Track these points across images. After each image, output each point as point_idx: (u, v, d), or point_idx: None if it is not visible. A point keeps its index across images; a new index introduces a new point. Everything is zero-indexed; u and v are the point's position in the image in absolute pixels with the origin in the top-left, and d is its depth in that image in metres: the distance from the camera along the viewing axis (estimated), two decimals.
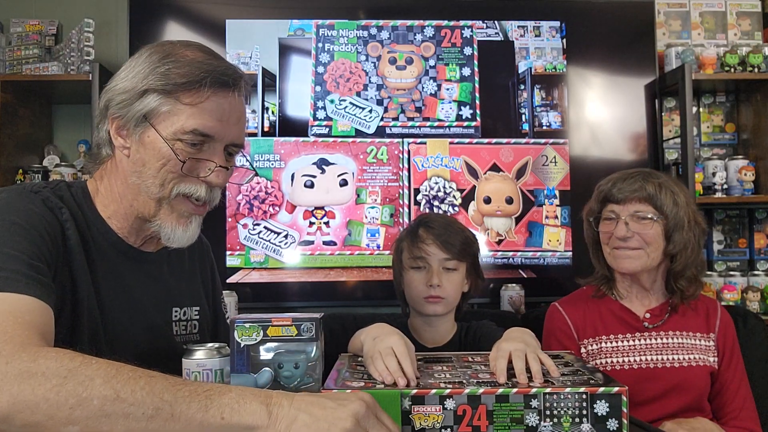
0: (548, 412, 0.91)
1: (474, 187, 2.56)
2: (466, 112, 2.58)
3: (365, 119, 2.55)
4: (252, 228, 2.49)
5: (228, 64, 1.07)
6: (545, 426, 0.91)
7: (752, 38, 2.87)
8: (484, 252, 2.52)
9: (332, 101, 2.55)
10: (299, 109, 2.55)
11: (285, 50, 2.57)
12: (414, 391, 0.92)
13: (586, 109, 2.64)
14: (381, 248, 2.51)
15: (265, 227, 2.50)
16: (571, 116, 2.62)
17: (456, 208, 2.55)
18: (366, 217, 2.53)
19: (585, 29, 2.65)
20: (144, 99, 1.02)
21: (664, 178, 1.61)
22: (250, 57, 2.55)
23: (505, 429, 0.91)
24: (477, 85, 2.59)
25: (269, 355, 0.95)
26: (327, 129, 2.54)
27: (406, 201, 2.54)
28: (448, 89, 2.58)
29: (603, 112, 2.65)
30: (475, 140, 2.57)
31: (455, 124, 2.58)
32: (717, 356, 1.62)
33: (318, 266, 2.51)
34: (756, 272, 2.71)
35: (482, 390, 0.92)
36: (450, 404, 0.91)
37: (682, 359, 1.58)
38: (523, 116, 2.61)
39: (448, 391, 0.91)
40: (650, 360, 1.58)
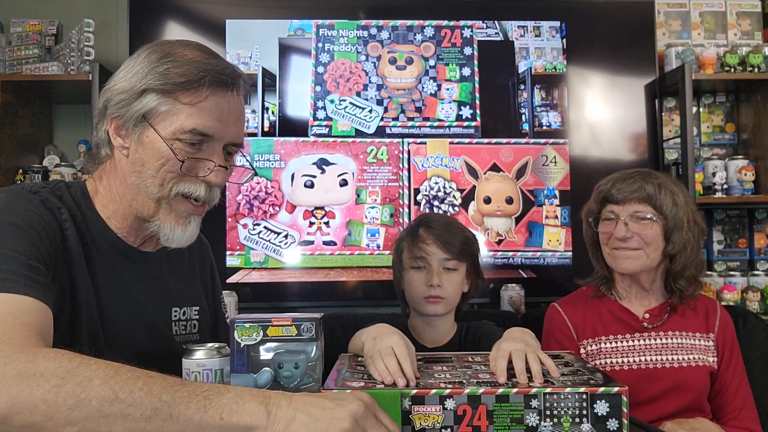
0: (548, 412, 0.91)
1: (474, 187, 2.56)
2: (466, 112, 2.58)
3: (365, 119, 2.55)
4: (252, 228, 2.49)
5: (227, 64, 1.07)
6: (545, 426, 0.91)
7: (752, 38, 2.86)
8: (484, 252, 2.52)
9: (332, 101, 2.55)
10: (299, 109, 2.55)
11: (285, 50, 2.57)
12: (414, 391, 0.92)
13: (586, 109, 2.64)
14: (381, 248, 2.51)
15: (265, 227, 2.50)
16: (571, 116, 2.62)
17: (456, 208, 2.55)
18: (366, 217, 2.52)
19: (585, 29, 2.65)
20: (143, 99, 1.02)
21: (663, 179, 1.61)
22: (250, 57, 2.55)
23: (506, 429, 0.91)
24: (477, 85, 2.59)
25: (269, 355, 0.95)
26: (327, 129, 2.54)
27: (406, 201, 2.54)
28: (448, 89, 2.58)
29: (603, 112, 2.65)
30: (475, 140, 2.57)
31: (455, 124, 2.57)
32: (716, 356, 1.62)
33: (318, 266, 2.51)
34: (756, 272, 2.71)
35: (482, 390, 0.92)
36: (450, 404, 0.91)
37: (682, 359, 1.58)
38: (523, 116, 2.60)
39: (448, 391, 0.91)
40: (650, 360, 1.58)
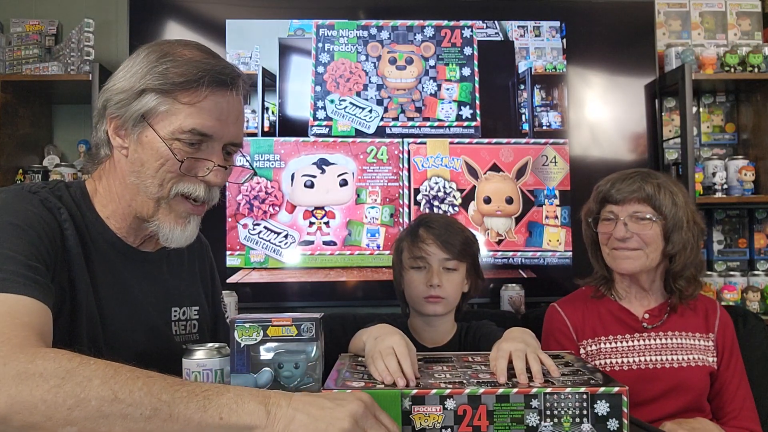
0: (548, 412, 0.91)
1: (474, 187, 2.56)
2: (466, 112, 2.58)
3: (365, 119, 2.55)
4: (252, 228, 2.49)
5: (226, 63, 1.07)
6: (545, 426, 0.91)
7: (752, 38, 2.86)
8: (484, 252, 2.51)
9: (332, 101, 2.55)
10: (299, 109, 2.55)
11: (285, 50, 2.57)
12: (414, 391, 0.92)
13: (586, 109, 2.64)
14: (381, 248, 2.51)
15: (265, 227, 2.50)
16: (571, 116, 2.62)
17: (456, 208, 2.55)
18: (366, 217, 2.52)
19: (585, 29, 2.65)
20: (142, 99, 1.02)
21: (663, 179, 1.61)
22: (250, 57, 2.55)
23: (506, 429, 0.91)
24: (477, 85, 2.59)
25: (269, 355, 0.94)
26: (327, 129, 2.54)
27: (406, 201, 2.54)
28: (448, 89, 2.58)
29: (603, 112, 2.65)
30: (475, 140, 2.57)
31: (455, 124, 2.57)
32: (716, 356, 1.61)
33: (318, 266, 2.51)
34: (756, 272, 2.71)
35: (482, 390, 0.92)
36: (450, 404, 0.91)
37: (681, 359, 1.58)
38: (523, 116, 2.60)
39: (449, 391, 0.91)
40: (649, 360, 1.58)
